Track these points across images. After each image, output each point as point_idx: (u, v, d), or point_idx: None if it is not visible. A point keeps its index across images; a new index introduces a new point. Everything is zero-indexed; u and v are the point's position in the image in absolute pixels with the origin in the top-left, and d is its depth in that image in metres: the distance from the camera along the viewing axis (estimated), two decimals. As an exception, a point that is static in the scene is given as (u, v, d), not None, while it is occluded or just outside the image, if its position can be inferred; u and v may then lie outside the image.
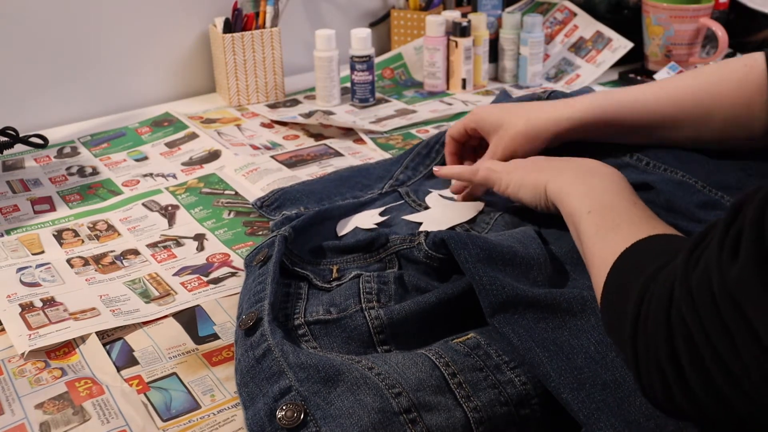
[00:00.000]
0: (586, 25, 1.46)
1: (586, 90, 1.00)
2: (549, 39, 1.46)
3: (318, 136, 1.20)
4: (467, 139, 0.90)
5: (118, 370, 0.67)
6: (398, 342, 0.65)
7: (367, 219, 0.84)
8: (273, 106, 1.34)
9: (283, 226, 0.82)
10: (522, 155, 0.81)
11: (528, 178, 0.73)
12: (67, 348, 0.70)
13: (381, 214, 0.85)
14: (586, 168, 0.70)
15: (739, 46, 1.38)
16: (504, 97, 1.00)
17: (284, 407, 0.55)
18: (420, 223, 0.83)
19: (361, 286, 0.68)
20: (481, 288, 0.61)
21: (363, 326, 0.65)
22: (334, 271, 0.74)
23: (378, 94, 1.37)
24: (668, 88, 0.78)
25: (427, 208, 0.87)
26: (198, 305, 0.76)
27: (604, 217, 0.60)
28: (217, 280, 0.80)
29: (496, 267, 0.64)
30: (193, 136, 1.20)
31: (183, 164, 1.11)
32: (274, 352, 0.60)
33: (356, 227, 0.83)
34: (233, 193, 1.01)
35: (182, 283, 0.80)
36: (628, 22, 1.43)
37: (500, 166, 0.78)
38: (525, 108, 0.84)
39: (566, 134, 0.81)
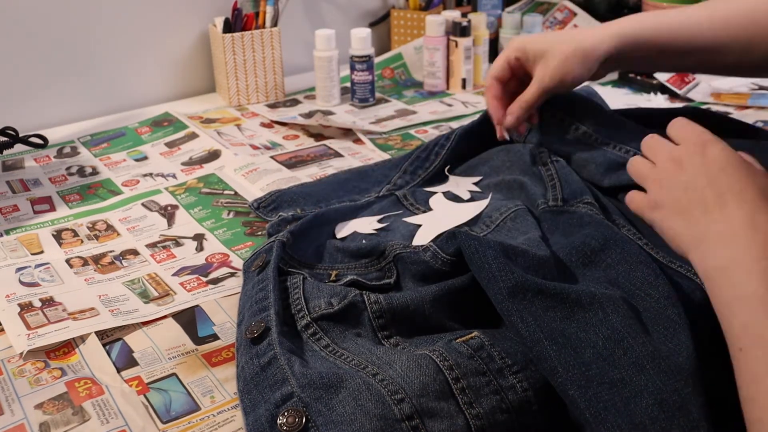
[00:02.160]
0: (586, 25, 1.46)
1: (587, 89, 1.00)
2: (549, 39, 1.46)
3: (318, 137, 1.20)
4: (510, 78, 0.87)
5: (118, 371, 0.67)
6: (399, 328, 0.65)
7: (366, 225, 0.84)
8: (273, 106, 1.34)
9: (279, 227, 0.82)
10: (571, 80, 0.81)
11: (667, 230, 0.58)
12: (66, 348, 0.70)
13: (379, 221, 0.85)
14: (746, 233, 0.51)
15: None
16: None
17: (285, 413, 0.55)
18: (419, 225, 0.83)
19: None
20: (490, 275, 0.60)
21: (364, 312, 0.65)
22: (333, 275, 0.74)
23: (378, 94, 1.37)
24: (718, 12, 0.74)
25: (425, 211, 0.87)
26: (197, 305, 0.76)
27: (762, 377, 0.46)
28: (216, 281, 0.80)
29: (507, 258, 0.63)
30: (192, 136, 1.20)
31: (183, 164, 1.11)
32: (279, 360, 0.60)
33: (354, 231, 0.83)
34: (233, 193, 1.01)
35: (181, 284, 0.80)
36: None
37: (646, 198, 0.61)
38: (568, 33, 0.83)
39: (616, 54, 0.79)
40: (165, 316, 0.74)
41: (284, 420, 0.55)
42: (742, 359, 0.47)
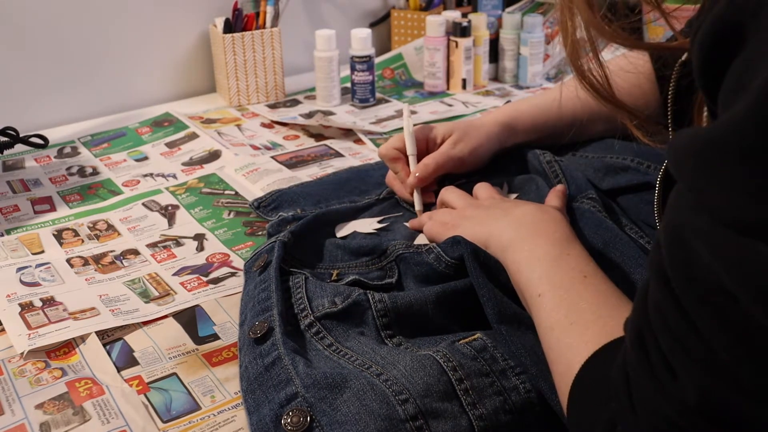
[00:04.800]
0: (587, 26, 1.46)
1: None
2: (549, 39, 1.46)
3: (318, 137, 1.20)
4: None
5: (119, 370, 0.67)
6: (402, 327, 0.65)
7: (366, 225, 0.84)
8: (273, 107, 1.34)
9: (279, 227, 0.82)
10: (477, 150, 0.88)
11: (472, 233, 0.71)
12: (67, 348, 0.70)
13: (380, 221, 0.85)
14: (528, 221, 0.68)
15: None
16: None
17: (290, 413, 0.55)
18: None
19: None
20: (483, 299, 0.62)
21: (368, 311, 0.65)
22: (334, 275, 0.74)
23: (378, 95, 1.37)
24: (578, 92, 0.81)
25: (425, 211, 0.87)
26: (198, 305, 0.76)
27: (557, 308, 0.57)
28: (216, 280, 0.80)
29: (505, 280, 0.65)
30: (193, 136, 1.20)
31: (183, 164, 1.11)
32: (284, 360, 0.60)
33: (355, 231, 0.83)
34: (233, 193, 1.01)
35: (182, 283, 0.80)
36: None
37: (448, 216, 0.77)
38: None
39: (503, 137, 0.90)
40: (165, 316, 0.74)
41: (289, 420, 0.55)
42: (542, 301, 0.58)
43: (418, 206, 0.85)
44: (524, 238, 0.65)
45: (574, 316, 0.55)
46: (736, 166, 0.34)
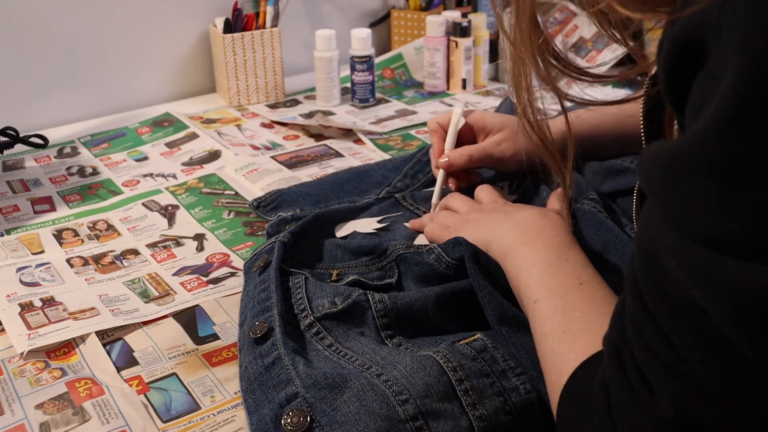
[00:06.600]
0: (586, 26, 1.46)
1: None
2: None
3: (318, 137, 1.20)
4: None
5: (118, 370, 0.67)
6: (402, 328, 0.65)
7: (366, 225, 0.84)
8: (273, 107, 1.34)
9: (278, 227, 0.82)
10: (519, 155, 0.84)
11: (474, 237, 0.71)
12: (67, 348, 0.70)
13: (379, 221, 0.85)
14: (528, 226, 0.68)
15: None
16: (509, 105, 1.00)
17: (290, 413, 0.55)
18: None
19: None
20: (483, 302, 0.63)
21: (368, 311, 0.65)
22: (334, 275, 0.74)
23: (378, 95, 1.37)
24: (627, 109, 0.79)
25: (425, 210, 0.87)
26: (197, 305, 0.76)
27: (551, 316, 0.57)
28: (216, 280, 0.80)
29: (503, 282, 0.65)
30: (193, 136, 1.20)
31: (183, 164, 1.11)
32: (284, 360, 0.60)
33: (354, 231, 0.83)
34: (233, 193, 1.01)
35: (182, 283, 0.80)
36: (629, 23, 1.43)
37: (451, 219, 0.78)
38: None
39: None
40: (165, 316, 0.74)
41: (289, 420, 0.55)
42: (538, 307, 0.58)
43: (437, 188, 0.86)
44: (524, 242, 0.65)
45: (566, 325, 0.55)
46: (702, 180, 0.34)
